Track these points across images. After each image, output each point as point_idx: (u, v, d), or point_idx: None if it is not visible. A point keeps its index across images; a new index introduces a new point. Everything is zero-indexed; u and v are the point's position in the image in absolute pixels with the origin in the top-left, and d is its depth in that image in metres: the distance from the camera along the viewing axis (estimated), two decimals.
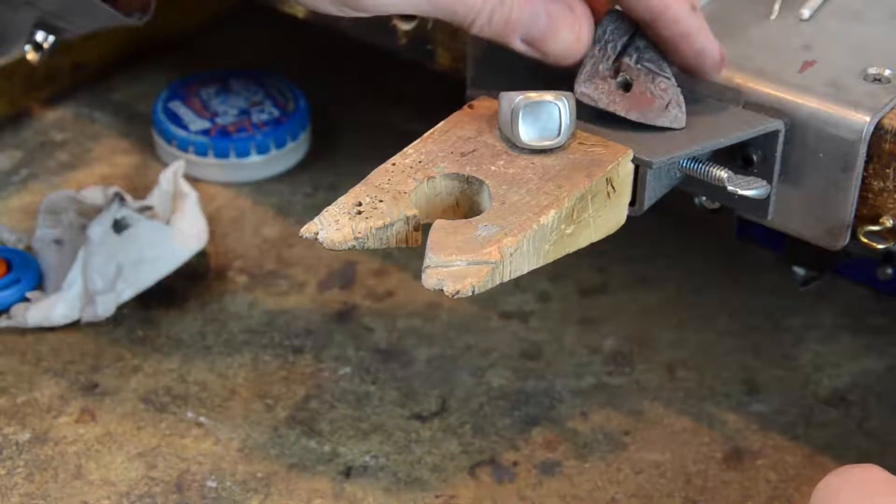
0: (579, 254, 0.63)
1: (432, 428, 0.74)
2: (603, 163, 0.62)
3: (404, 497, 0.70)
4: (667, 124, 0.63)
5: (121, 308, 0.79)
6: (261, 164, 0.91)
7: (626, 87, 0.63)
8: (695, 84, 0.66)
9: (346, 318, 0.80)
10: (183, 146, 0.90)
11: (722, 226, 0.82)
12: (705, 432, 0.73)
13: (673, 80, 0.63)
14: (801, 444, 0.73)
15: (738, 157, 0.65)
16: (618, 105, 0.63)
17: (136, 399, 0.75)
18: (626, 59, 0.63)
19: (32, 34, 0.73)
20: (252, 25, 1.04)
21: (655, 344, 0.79)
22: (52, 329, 0.78)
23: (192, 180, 0.87)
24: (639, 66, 0.63)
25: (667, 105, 0.63)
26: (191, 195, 0.85)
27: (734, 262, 0.85)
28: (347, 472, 0.71)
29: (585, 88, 0.63)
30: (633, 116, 0.63)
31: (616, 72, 0.63)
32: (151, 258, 0.81)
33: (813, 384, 0.77)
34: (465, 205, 0.62)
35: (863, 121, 0.63)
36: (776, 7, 0.70)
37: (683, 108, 0.63)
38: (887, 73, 0.65)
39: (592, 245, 0.63)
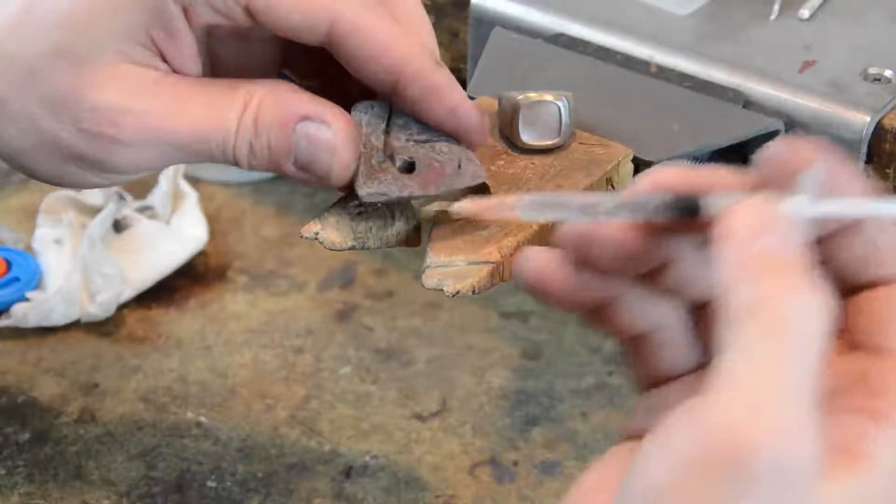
0: None
1: (432, 428, 0.74)
2: (603, 163, 0.62)
3: (404, 497, 0.70)
4: (469, 183, 0.58)
5: (121, 308, 0.79)
6: None
7: (410, 167, 0.58)
8: (694, 82, 0.66)
9: (346, 318, 0.80)
10: None
11: None
12: None
13: (450, 139, 0.58)
14: None
15: (738, 157, 0.65)
16: (412, 187, 0.57)
17: (136, 399, 0.75)
18: (394, 143, 0.58)
19: None
20: None
21: None
22: (52, 329, 0.78)
23: (192, 180, 0.87)
24: (409, 141, 0.58)
25: (459, 165, 0.58)
26: (191, 195, 0.85)
27: None
28: (347, 472, 0.71)
29: (370, 188, 0.57)
30: (432, 191, 0.57)
31: (391, 157, 0.58)
32: (151, 258, 0.81)
33: None
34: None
35: (863, 121, 0.63)
36: (776, 7, 0.70)
37: (477, 161, 0.58)
38: (887, 73, 0.65)
39: None
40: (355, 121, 0.58)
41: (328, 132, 0.57)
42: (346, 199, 0.60)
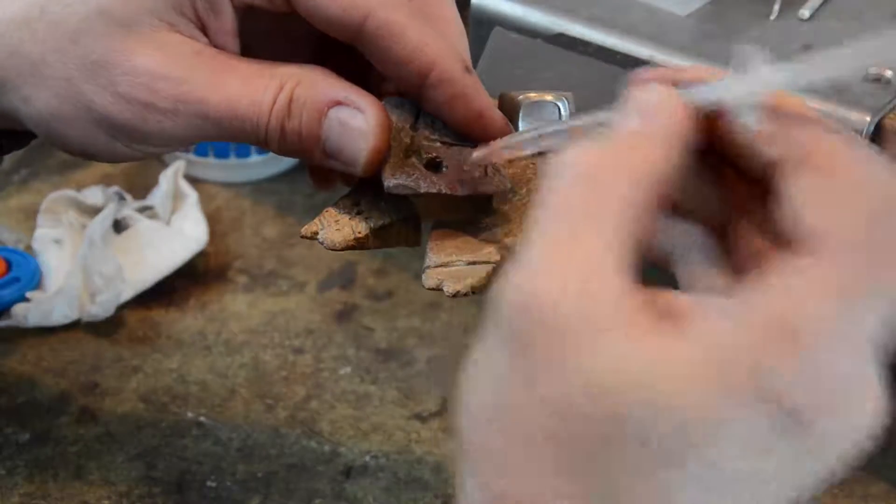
0: None
1: (432, 428, 0.74)
2: None
3: (404, 497, 0.70)
4: (494, 190, 0.58)
5: (121, 308, 0.79)
6: (261, 164, 0.91)
7: (436, 166, 0.58)
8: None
9: (346, 318, 0.80)
10: None
11: None
12: None
13: (475, 146, 0.58)
14: None
15: None
16: (440, 185, 0.57)
17: (136, 399, 0.75)
18: (423, 141, 0.58)
19: None
20: None
21: None
22: (52, 329, 0.78)
23: (192, 180, 0.87)
24: (437, 142, 0.58)
25: (486, 171, 0.58)
26: (191, 195, 0.85)
27: None
28: (347, 472, 0.71)
29: (398, 179, 0.57)
30: (459, 191, 0.57)
31: (418, 154, 0.57)
32: (151, 258, 0.81)
33: None
34: (466, 205, 0.62)
35: (863, 121, 0.63)
36: (776, 7, 0.70)
37: (503, 171, 0.58)
38: (887, 73, 0.65)
39: None
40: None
41: (361, 119, 0.56)
42: (346, 198, 0.60)
